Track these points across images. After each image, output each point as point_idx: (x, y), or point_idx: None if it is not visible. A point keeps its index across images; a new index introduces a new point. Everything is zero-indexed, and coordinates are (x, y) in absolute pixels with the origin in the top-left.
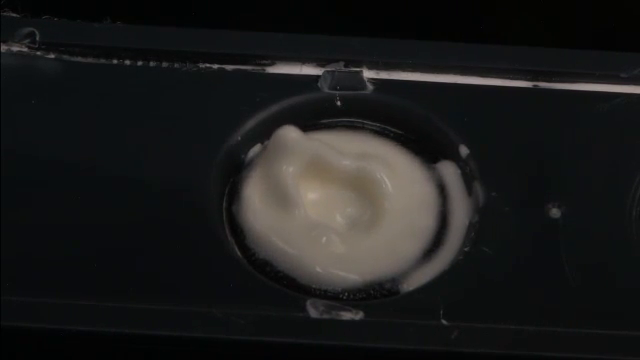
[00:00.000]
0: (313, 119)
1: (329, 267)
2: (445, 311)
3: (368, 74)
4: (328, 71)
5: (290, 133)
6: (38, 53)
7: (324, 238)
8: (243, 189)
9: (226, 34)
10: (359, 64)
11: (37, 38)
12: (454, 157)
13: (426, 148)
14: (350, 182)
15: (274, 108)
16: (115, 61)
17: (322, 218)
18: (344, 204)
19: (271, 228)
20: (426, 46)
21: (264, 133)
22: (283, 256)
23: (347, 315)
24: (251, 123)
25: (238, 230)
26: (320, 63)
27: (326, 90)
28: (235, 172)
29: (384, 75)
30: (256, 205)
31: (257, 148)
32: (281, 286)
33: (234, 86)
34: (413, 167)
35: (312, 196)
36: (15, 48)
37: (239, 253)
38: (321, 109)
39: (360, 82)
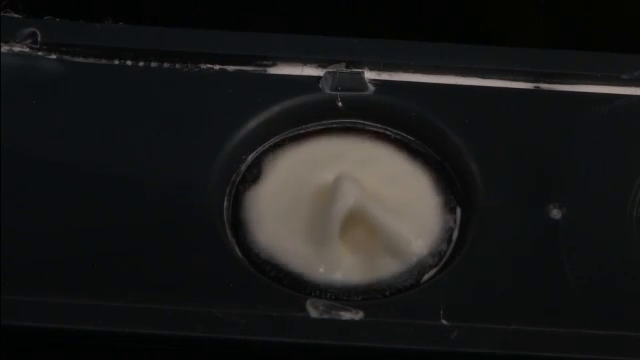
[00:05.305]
0: (314, 120)
1: (330, 267)
2: (445, 311)
3: (369, 75)
4: (329, 72)
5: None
6: (40, 53)
7: (324, 238)
8: (247, 192)
9: (227, 35)
10: (360, 65)
11: (39, 38)
12: (455, 158)
13: (427, 149)
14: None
15: (275, 109)
16: (116, 61)
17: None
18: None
19: (272, 228)
20: (427, 47)
21: (265, 133)
22: (284, 256)
23: (347, 315)
24: (252, 123)
25: (239, 230)
26: (321, 64)
27: (327, 91)
28: (237, 172)
29: (385, 76)
30: (258, 206)
31: (261, 148)
32: (281, 286)
33: (235, 87)
34: (415, 169)
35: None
36: (17, 48)
37: (240, 253)
38: (322, 110)
39: (361, 83)
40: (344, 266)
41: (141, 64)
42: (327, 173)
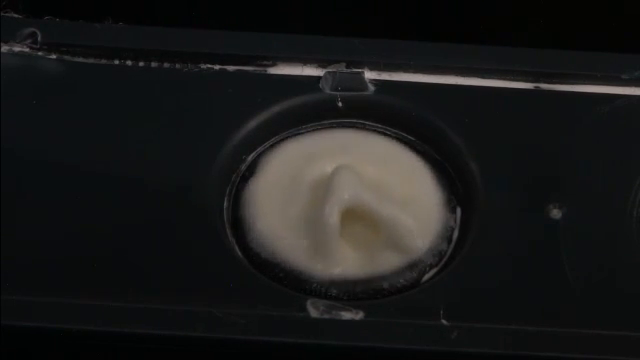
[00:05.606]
0: (314, 120)
1: (330, 267)
2: (445, 311)
3: (369, 75)
4: (329, 72)
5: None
6: (40, 53)
7: (324, 234)
8: (245, 189)
9: (227, 35)
10: (360, 65)
11: (39, 38)
12: (455, 158)
13: (427, 149)
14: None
15: (275, 109)
16: (116, 62)
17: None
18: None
19: (273, 228)
20: (427, 47)
21: (265, 133)
22: (284, 256)
23: (347, 315)
24: (252, 124)
25: (239, 230)
26: (321, 64)
27: (327, 91)
28: (237, 172)
29: (385, 76)
30: (257, 201)
31: (261, 148)
32: (282, 286)
33: (235, 87)
34: (415, 168)
35: None
36: (17, 48)
37: (240, 253)
38: (322, 110)
39: (361, 83)
40: (344, 262)
41: (141, 64)
42: (327, 167)
